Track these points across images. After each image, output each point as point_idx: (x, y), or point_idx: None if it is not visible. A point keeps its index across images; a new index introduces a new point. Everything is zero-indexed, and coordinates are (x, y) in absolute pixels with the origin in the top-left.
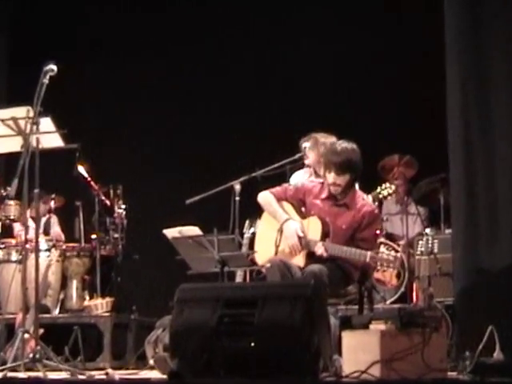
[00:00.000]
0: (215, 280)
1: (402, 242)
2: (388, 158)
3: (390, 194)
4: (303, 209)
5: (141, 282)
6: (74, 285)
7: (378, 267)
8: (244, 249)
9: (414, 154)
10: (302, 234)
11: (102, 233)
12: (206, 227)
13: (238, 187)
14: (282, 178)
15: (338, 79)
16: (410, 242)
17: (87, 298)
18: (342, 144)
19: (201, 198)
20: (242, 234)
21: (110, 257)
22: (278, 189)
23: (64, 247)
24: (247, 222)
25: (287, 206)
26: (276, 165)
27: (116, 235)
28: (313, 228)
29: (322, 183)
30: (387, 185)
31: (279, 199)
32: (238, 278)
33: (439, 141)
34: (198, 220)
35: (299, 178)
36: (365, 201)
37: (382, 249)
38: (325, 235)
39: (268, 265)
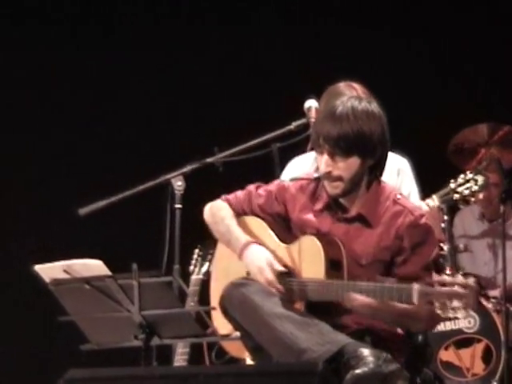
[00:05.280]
0: (135, 363)
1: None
2: (469, 129)
3: (474, 194)
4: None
5: None
6: None
7: (438, 311)
8: (191, 302)
9: None
10: (280, 268)
11: None
12: (118, 261)
13: (179, 185)
14: (266, 167)
15: None
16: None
17: None
18: (348, 102)
19: (107, 204)
20: (185, 275)
21: None
22: (238, 194)
23: None
24: (197, 250)
25: (256, 223)
26: (253, 142)
27: None
28: (308, 257)
29: (319, 180)
30: (469, 175)
31: (239, 212)
32: (179, 360)
33: None
34: (101, 248)
35: (299, 169)
36: (401, 202)
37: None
38: (334, 267)
39: (234, 334)
